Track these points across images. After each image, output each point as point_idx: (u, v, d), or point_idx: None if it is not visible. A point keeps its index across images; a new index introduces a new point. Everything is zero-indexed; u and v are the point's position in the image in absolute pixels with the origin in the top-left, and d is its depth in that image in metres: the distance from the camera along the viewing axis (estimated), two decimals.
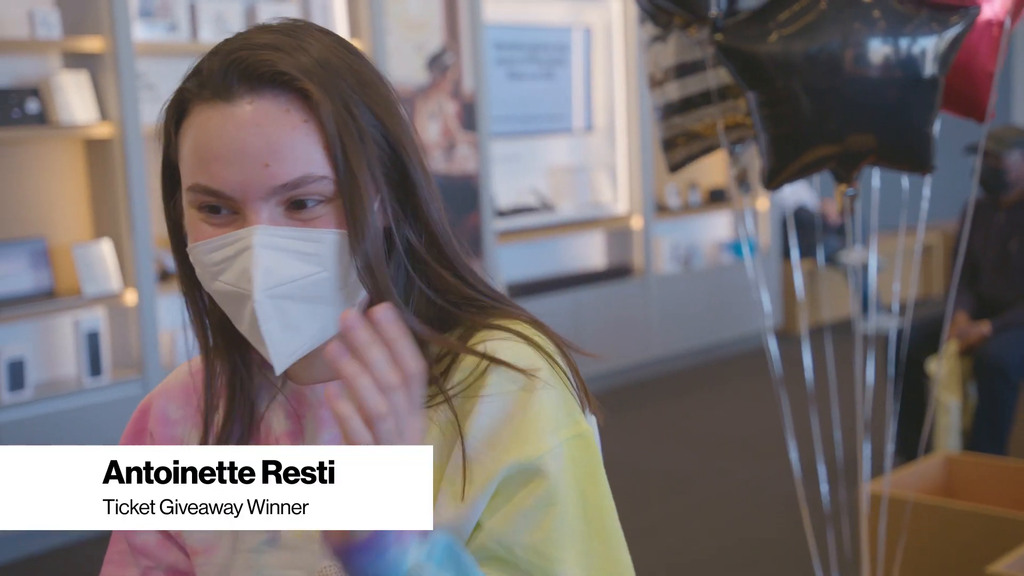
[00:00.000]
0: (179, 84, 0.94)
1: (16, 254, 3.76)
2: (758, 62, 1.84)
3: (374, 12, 4.53)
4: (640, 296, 5.79)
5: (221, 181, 0.89)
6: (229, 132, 0.89)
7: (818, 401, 3.13)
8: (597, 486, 0.93)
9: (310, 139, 0.90)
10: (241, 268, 0.89)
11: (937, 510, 2.78)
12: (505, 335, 0.95)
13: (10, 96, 3.71)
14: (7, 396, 3.62)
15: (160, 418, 1.06)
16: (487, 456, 0.90)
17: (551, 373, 0.94)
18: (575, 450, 0.92)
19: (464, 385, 0.93)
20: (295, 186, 0.89)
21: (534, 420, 0.91)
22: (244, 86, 0.90)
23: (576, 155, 5.82)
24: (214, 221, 0.91)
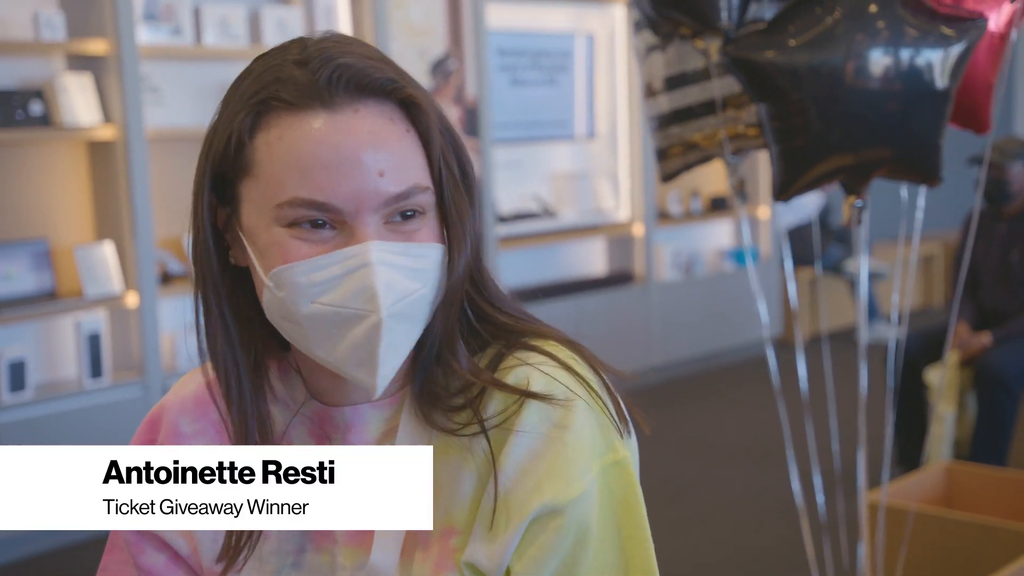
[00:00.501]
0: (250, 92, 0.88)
1: (18, 255, 3.76)
2: (771, 74, 1.84)
3: (377, 17, 4.54)
4: (641, 303, 5.79)
5: (331, 193, 0.84)
6: (340, 142, 0.84)
7: (818, 411, 3.13)
8: (633, 515, 0.91)
9: (414, 149, 0.88)
10: (357, 287, 0.85)
11: (937, 520, 2.78)
12: (541, 359, 0.92)
13: (14, 98, 3.71)
14: (8, 397, 3.62)
15: (171, 431, 1.00)
16: (519, 495, 0.88)
17: (588, 401, 0.91)
18: (612, 479, 0.90)
19: (502, 418, 0.90)
20: (404, 197, 0.86)
21: (569, 458, 0.88)
22: (348, 94, 0.86)
23: (578, 162, 5.83)
24: (313, 238, 0.86)
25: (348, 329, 0.86)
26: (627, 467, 0.92)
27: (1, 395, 3.62)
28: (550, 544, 0.87)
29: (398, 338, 0.87)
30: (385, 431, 0.95)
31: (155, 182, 4.07)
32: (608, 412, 0.92)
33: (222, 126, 0.90)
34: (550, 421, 0.89)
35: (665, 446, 4.70)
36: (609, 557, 0.89)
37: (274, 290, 0.87)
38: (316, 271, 0.85)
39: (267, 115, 0.87)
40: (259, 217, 0.87)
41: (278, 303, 0.87)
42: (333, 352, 0.87)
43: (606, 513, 0.89)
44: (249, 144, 0.87)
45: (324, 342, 0.87)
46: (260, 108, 0.87)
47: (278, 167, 0.86)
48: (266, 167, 0.86)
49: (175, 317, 4.20)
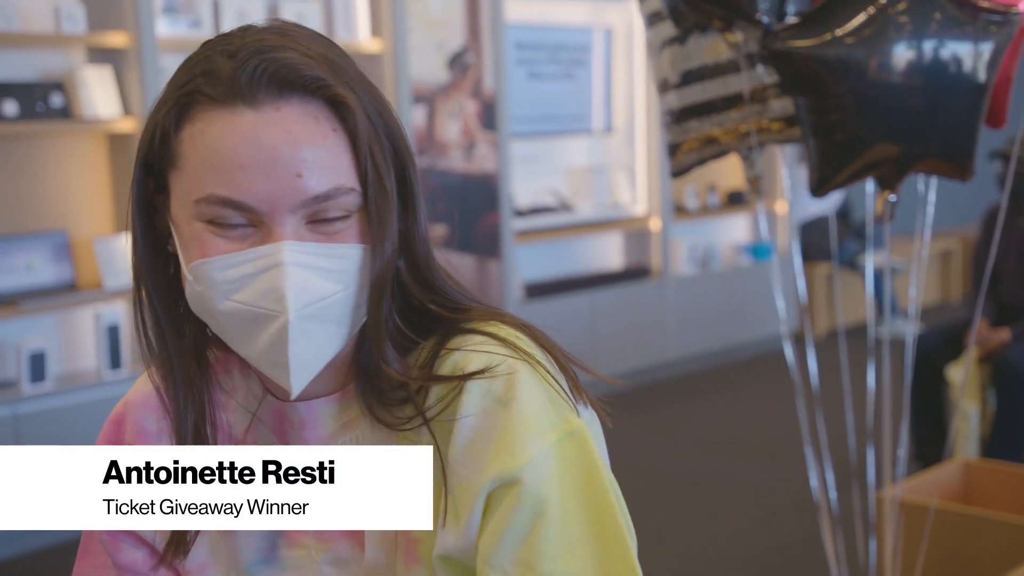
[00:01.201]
0: (180, 83, 0.86)
1: (38, 247, 3.79)
2: (814, 68, 1.82)
3: (396, 11, 4.54)
4: (657, 297, 5.79)
5: (246, 192, 0.83)
6: (257, 139, 0.82)
7: (835, 406, 3.12)
8: (595, 482, 0.87)
9: (340, 149, 0.85)
10: (267, 287, 0.84)
11: (955, 516, 2.77)
12: (481, 339, 0.90)
13: (34, 90, 3.74)
14: (28, 388, 3.65)
15: (137, 430, 0.99)
16: (471, 475, 0.86)
17: (531, 373, 0.88)
18: (568, 449, 0.87)
19: (443, 405, 0.88)
20: (326, 198, 0.84)
21: (515, 430, 0.85)
22: (271, 91, 0.83)
23: (595, 156, 5.82)
24: (231, 235, 0.85)
25: (260, 328, 0.85)
26: (582, 436, 0.88)
27: (22, 386, 3.65)
28: (507, 515, 0.85)
29: (315, 340, 0.85)
30: (339, 426, 0.94)
31: None
32: (556, 384, 0.89)
33: (151, 117, 0.89)
34: (491, 396, 0.87)
35: (680, 440, 4.69)
36: (576, 532, 0.86)
37: (194, 284, 0.86)
38: (230, 268, 0.84)
39: (192, 108, 0.85)
40: (182, 210, 0.86)
41: (198, 297, 0.87)
42: (250, 350, 0.86)
43: (567, 486, 0.86)
44: (175, 136, 0.86)
45: (241, 340, 0.86)
46: (186, 101, 0.85)
47: (198, 163, 0.84)
48: (189, 161, 0.85)
49: None
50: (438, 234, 4.88)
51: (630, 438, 4.64)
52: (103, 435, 1.01)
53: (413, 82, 4.67)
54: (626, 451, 4.49)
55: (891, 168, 1.93)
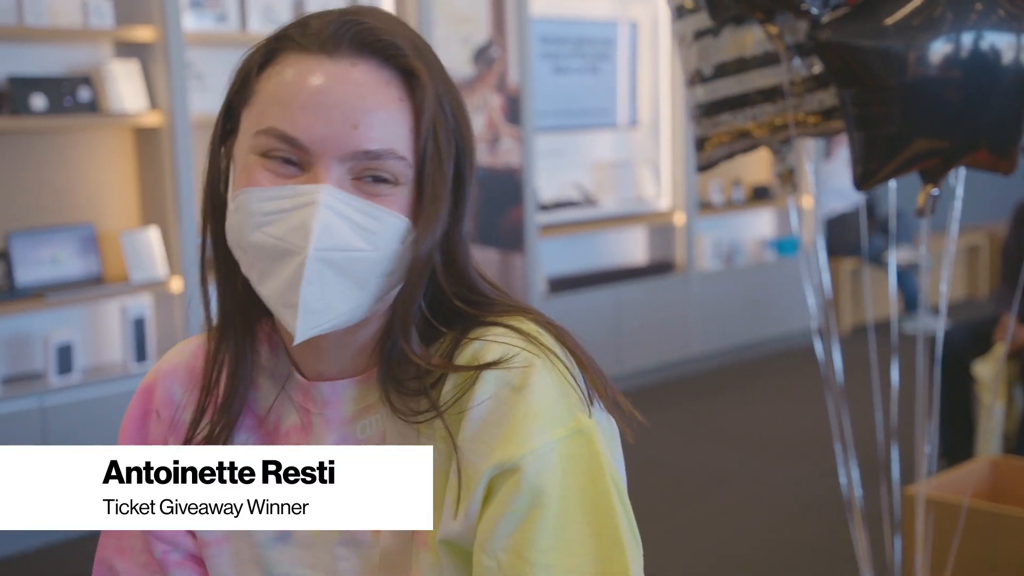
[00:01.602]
0: (273, 34, 0.92)
1: (65, 240, 3.82)
2: (864, 59, 1.79)
3: (421, 5, 4.54)
4: (681, 292, 5.77)
5: (303, 131, 0.86)
6: (326, 85, 0.87)
7: (859, 402, 3.10)
8: (599, 484, 0.87)
9: (402, 118, 0.88)
10: (297, 223, 0.86)
11: (982, 514, 2.74)
12: (501, 331, 0.90)
13: (63, 84, 3.77)
14: (55, 379, 3.68)
15: (166, 399, 1.02)
16: (475, 460, 0.86)
17: (547, 367, 0.88)
18: (573, 447, 0.86)
19: (458, 395, 0.89)
20: (376, 157, 0.87)
21: (522, 420, 0.86)
22: (352, 48, 0.88)
23: (620, 150, 5.80)
24: (279, 171, 0.88)
25: (281, 264, 0.86)
26: (591, 436, 0.87)
27: (49, 378, 3.68)
28: (504, 502, 0.85)
29: (329, 289, 0.86)
30: (359, 409, 0.95)
31: (200, 168, 4.08)
32: (572, 380, 0.89)
33: (241, 63, 0.93)
34: (504, 383, 0.87)
35: (703, 436, 4.68)
36: (574, 529, 0.85)
37: (234, 213, 0.89)
38: (268, 201, 0.87)
39: (279, 53, 0.90)
40: (244, 144, 0.90)
41: (236, 227, 0.89)
42: (268, 287, 0.87)
43: (569, 484, 0.86)
44: (255, 77, 0.90)
45: (263, 276, 0.88)
46: (274, 46, 0.90)
47: (267, 97, 0.89)
48: (261, 97, 0.89)
49: None
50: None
51: (653, 434, 4.63)
52: (133, 404, 1.03)
53: None
54: (649, 447, 4.48)
55: (937, 161, 1.90)
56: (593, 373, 0.92)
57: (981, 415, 3.82)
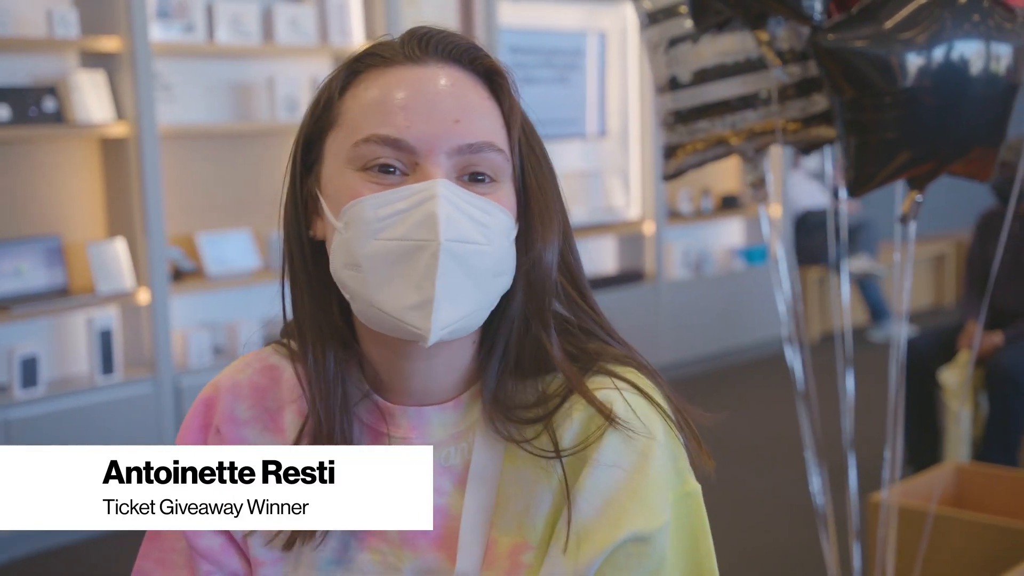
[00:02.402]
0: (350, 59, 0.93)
1: (31, 251, 3.78)
2: (870, 66, 1.80)
3: (390, 15, 4.54)
4: (651, 302, 5.79)
5: (407, 130, 0.87)
6: (421, 86, 0.89)
7: (829, 410, 3.12)
8: (703, 545, 0.92)
9: (494, 115, 0.91)
10: (421, 217, 0.85)
11: (948, 520, 2.77)
12: (624, 386, 0.92)
13: (27, 95, 3.73)
14: (20, 393, 3.64)
15: (228, 416, 0.99)
16: (603, 524, 0.88)
17: (666, 432, 0.92)
18: (684, 510, 0.91)
19: (582, 446, 0.90)
20: (479, 150, 0.89)
21: (652, 489, 0.89)
22: (437, 55, 0.91)
23: (589, 160, 5.82)
24: (383, 181, 0.88)
25: (407, 263, 0.85)
26: (697, 499, 0.93)
27: (14, 391, 3.63)
28: (632, 568, 0.88)
29: (455, 283, 0.85)
30: (450, 436, 0.94)
31: (167, 179, 4.08)
32: (680, 443, 0.93)
33: (317, 95, 0.94)
34: (634, 452, 0.89)
35: None
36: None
37: (343, 231, 0.88)
38: (383, 205, 0.86)
39: (361, 73, 0.92)
40: (337, 164, 0.90)
41: (344, 248, 0.88)
42: (389, 294, 0.86)
43: (679, 544, 0.90)
44: (339, 100, 0.92)
45: (382, 285, 0.86)
46: (356, 67, 0.92)
47: (360, 111, 0.90)
48: (350, 115, 0.90)
49: (186, 314, 4.21)
50: None
51: None
52: (192, 415, 1.00)
53: None
54: None
55: (929, 167, 1.92)
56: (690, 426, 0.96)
57: (948, 421, 3.86)
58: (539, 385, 0.93)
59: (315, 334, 0.94)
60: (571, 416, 0.91)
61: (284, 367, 1.00)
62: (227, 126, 4.25)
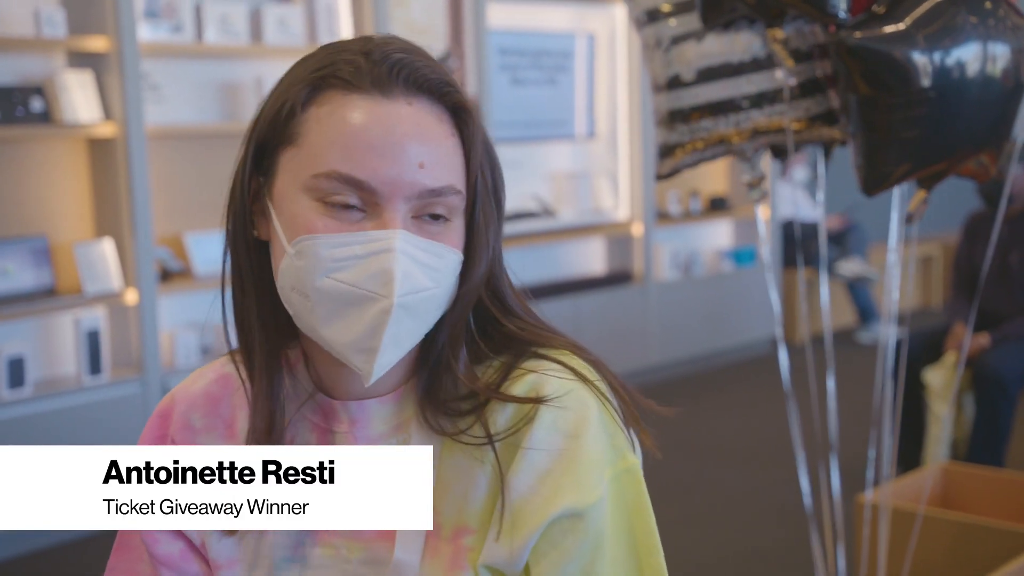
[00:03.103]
0: (312, 68, 0.90)
1: (17, 252, 3.77)
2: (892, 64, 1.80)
3: (378, 16, 4.54)
4: (640, 303, 5.80)
5: (371, 173, 0.86)
6: (391, 126, 0.87)
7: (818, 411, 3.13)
8: (645, 521, 0.92)
9: (455, 153, 0.91)
10: (377, 269, 0.86)
11: (934, 521, 2.78)
12: (555, 367, 0.93)
13: (14, 94, 3.71)
14: (7, 393, 3.62)
15: (183, 425, 1.01)
16: (537, 501, 0.89)
17: (600, 410, 0.92)
18: (622, 486, 0.91)
19: (513, 429, 0.91)
20: (439, 194, 0.89)
21: (585, 466, 0.89)
22: (407, 87, 0.89)
23: (578, 161, 5.83)
24: (341, 217, 0.87)
25: (357, 310, 0.87)
26: (637, 474, 0.93)
27: (0, 392, 3.62)
28: (571, 549, 0.89)
29: (402, 331, 0.88)
30: (389, 428, 0.96)
31: (155, 179, 4.07)
32: (618, 421, 0.93)
33: (276, 97, 0.92)
34: (563, 433, 0.90)
35: (662, 446, 4.68)
36: (624, 564, 0.90)
37: (294, 258, 0.88)
38: (339, 247, 0.86)
39: (324, 91, 0.89)
40: (292, 186, 0.89)
41: (294, 273, 0.88)
42: (337, 332, 0.88)
43: (618, 520, 0.90)
44: (300, 115, 0.89)
45: (330, 320, 0.88)
46: (318, 83, 0.89)
47: (324, 139, 0.87)
48: (312, 138, 0.88)
49: (174, 315, 4.20)
50: None
51: None
52: (148, 428, 1.02)
53: None
54: None
55: (944, 166, 1.92)
56: (628, 405, 0.96)
57: (931, 422, 3.87)
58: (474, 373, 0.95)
59: (261, 334, 0.95)
60: (504, 404, 0.92)
61: (236, 374, 1.01)
62: (215, 126, 4.24)
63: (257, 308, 0.95)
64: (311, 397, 0.98)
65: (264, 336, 0.95)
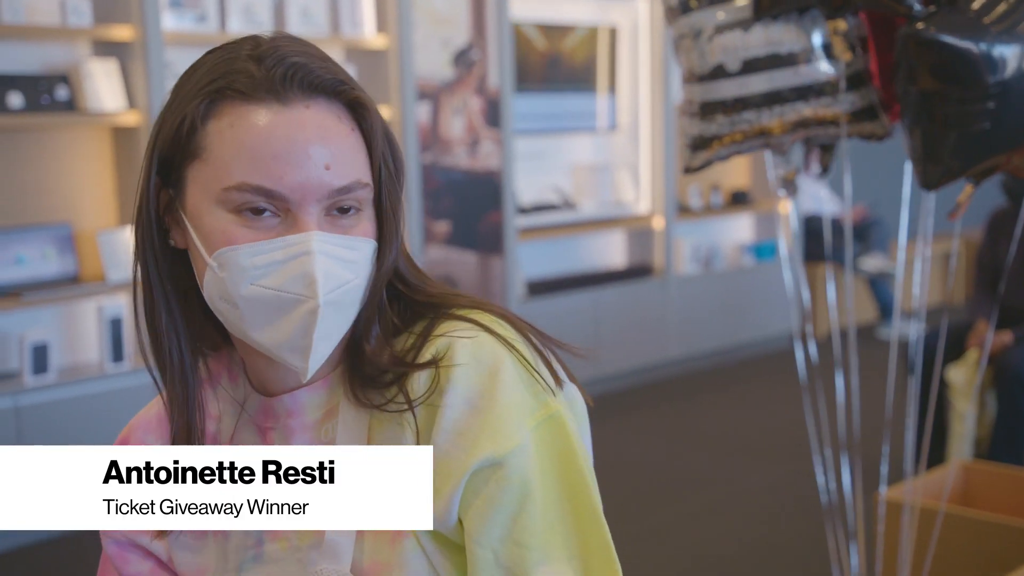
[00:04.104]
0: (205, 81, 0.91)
1: (42, 239, 3.80)
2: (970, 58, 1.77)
3: (402, 6, 4.54)
4: (660, 296, 5.78)
5: (279, 181, 0.88)
6: (292, 134, 0.88)
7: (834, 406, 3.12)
8: (573, 465, 0.93)
9: (358, 147, 0.92)
10: (298, 272, 0.88)
11: (955, 519, 2.77)
12: (466, 326, 0.95)
13: (40, 83, 3.74)
14: (31, 380, 3.65)
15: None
16: (458, 455, 0.90)
17: (512, 361, 0.93)
18: (546, 433, 0.92)
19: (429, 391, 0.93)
20: (347, 190, 0.91)
21: (500, 416, 0.90)
22: (302, 91, 0.90)
23: (599, 154, 5.82)
24: (256, 224, 0.89)
25: (285, 313, 0.89)
26: (560, 420, 0.93)
27: (24, 377, 3.65)
28: (495, 497, 0.90)
29: (331, 325, 0.90)
30: (323, 413, 0.98)
31: None
32: (534, 370, 0.94)
33: (174, 111, 0.92)
34: (476, 388, 0.92)
35: (681, 439, 4.69)
36: (555, 510, 0.91)
37: (216, 270, 0.90)
38: (258, 255, 0.88)
39: (221, 103, 0.90)
40: (204, 200, 0.90)
41: (218, 283, 0.90)
42: (268, 335, 0.90)
43: (546, 468, 0.91)
44: (201, 129, 0.90)
45: (261, 325, 0.90)
46: (215, 96, 0.90)
47: (228, 153, 0.89)
48: (216, 152, 0.89)
49: None
50: (442, 231, 4.88)
51: (631, 436, 4.64)
52: None
53: (418, 78, 4.67)
54: (627, 449, 4.48)
55: (1003, 159, 1.90)
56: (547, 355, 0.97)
57: (953, 420, 3.85)
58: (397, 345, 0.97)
59: (174, 342, 0.96)
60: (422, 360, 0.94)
61: None
62: None
63: (167, 317, 0.96)
64: (248, 398, 1.01)
65: (177, 343, 0.96)
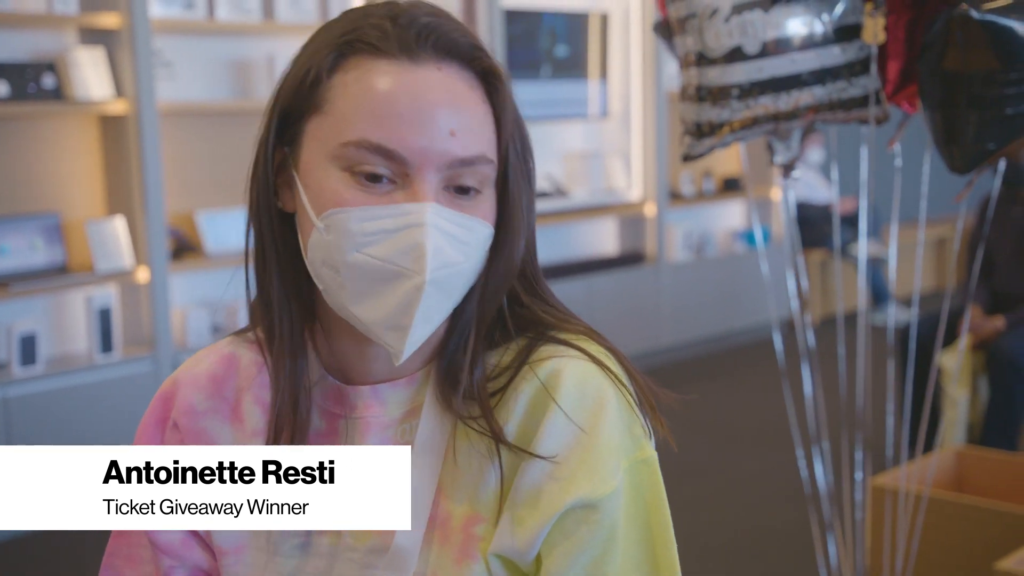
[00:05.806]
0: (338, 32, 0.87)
1: (30, 229, 3.77)
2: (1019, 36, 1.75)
3: None
4: (652, 283, 5.78)
5: (401, 142, 0.83)
6: (421, 94, 0.84)
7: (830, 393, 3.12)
8: (660, 514, 0.90)
9: (487, 121, 0.88)
10: (407, 244, 0.83)
11: (948, 505, 2.77)
12: (574, 353, 0.90)
13: (26, 71, 3.71)
14: (19, 370, 3.63)
15: (186, 408, 0.98)
16: (551, 489, 0.87)
17: (618, 398, 0.90)
18: (638, 476, 0.89)
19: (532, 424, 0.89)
20: (470, 163, 0.86)
21: (601, 456, 0.87)
22: (436, 52, 0.86)
23: (591, 141, 5.80)
24: (368, 188, 0.85)
25: (388, 286, 0.84)
26: (654, 466, 0.91)
27: (12, 369, 3.63)
28: (583, 540, 0.87)
29: (432, 307, 0.85)
30: (405, 412, 0.93)
31: (167, 157, 4.06)
32: (635, 410, 0.91)
33: (300, 64, 0.89)
34: (580, 421, 0.88)
35: (674, 427, 4.68)
36: (637, 556, 0.88)
37: (323, 232, 0.85)
38: (369, 220, 0.84)
39: (350, 56, 0.86)
40: (319, 156, 0.86)
41: (323, 247, 0.86)
42: (368, 309, 0.85)
43: (633, 512, 0.88)
44: (326, 81, 0.86)
45: (362, 297, 0.85)
46: (344, 48, 0.86)
47: (351, 106, 0.85)
48: (339, 105, 0.85)
49: (185, 293, 4.21)
50: None
51: None
52: (150, 411, 0.99)
53: None
54: None
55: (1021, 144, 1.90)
56: (645, 394, 0.94)
57: (946, 405, 3.85)
58: (492, 359, 0.92)
59: (285, 311, 0.92)
60: (518, 390, 0.90)
61: (242, 355, 0.99)
62: (227, 104, 4.23)
63: (280, 283, 0.91)
64: (321, 379, 0.95)
65: (288, 313, 0.92)
